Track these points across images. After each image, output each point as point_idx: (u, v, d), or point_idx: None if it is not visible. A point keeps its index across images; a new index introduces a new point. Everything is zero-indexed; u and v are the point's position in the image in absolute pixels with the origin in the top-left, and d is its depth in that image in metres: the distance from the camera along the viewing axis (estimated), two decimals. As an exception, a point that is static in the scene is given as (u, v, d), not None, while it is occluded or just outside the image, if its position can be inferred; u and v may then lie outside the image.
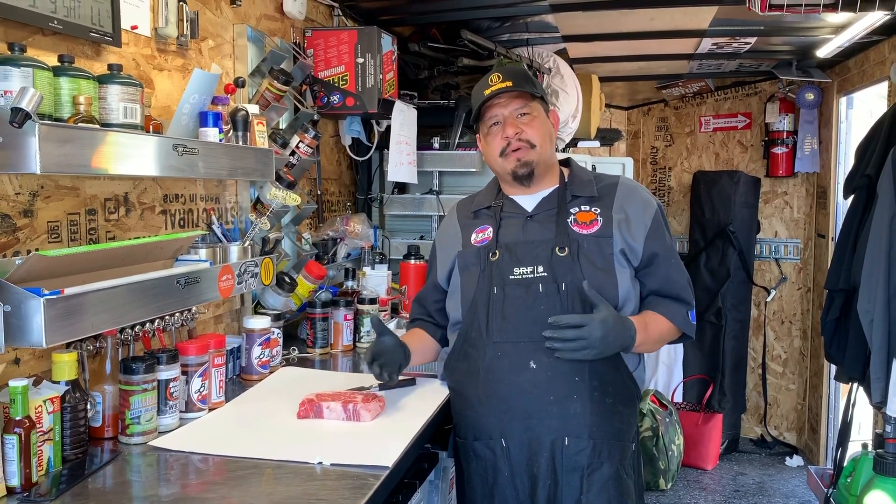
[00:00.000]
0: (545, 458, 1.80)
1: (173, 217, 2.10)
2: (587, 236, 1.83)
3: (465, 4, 3.16)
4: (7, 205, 1.55)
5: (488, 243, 1.91)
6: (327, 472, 1.51)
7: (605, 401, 1.81)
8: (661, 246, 1.88)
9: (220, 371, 1.92)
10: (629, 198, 1.90)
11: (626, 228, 1.85)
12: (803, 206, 4.95)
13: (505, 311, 1.83)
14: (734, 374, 4.88)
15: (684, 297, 1.90)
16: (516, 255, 1.85)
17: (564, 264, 1.80)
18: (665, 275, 1.89)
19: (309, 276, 2.62)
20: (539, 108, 1.93)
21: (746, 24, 3.41)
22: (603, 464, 1.80)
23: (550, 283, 1.80)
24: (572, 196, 1.90)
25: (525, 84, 1.90)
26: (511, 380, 1.81)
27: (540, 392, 1.79)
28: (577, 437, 1.79)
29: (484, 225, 1.96)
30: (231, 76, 2.35)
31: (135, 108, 1.64)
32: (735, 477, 4.55)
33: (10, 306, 1.35)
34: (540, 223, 1.89)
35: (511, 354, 1.82)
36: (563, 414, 1.79)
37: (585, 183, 1.93)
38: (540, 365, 1.79)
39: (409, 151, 3.19)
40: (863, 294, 2.81)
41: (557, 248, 1.82)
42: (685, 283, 1.92)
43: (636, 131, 5.64)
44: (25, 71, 1.39)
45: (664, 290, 1.89)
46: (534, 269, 1.82)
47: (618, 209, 1.87)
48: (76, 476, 1.48)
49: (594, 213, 1.86)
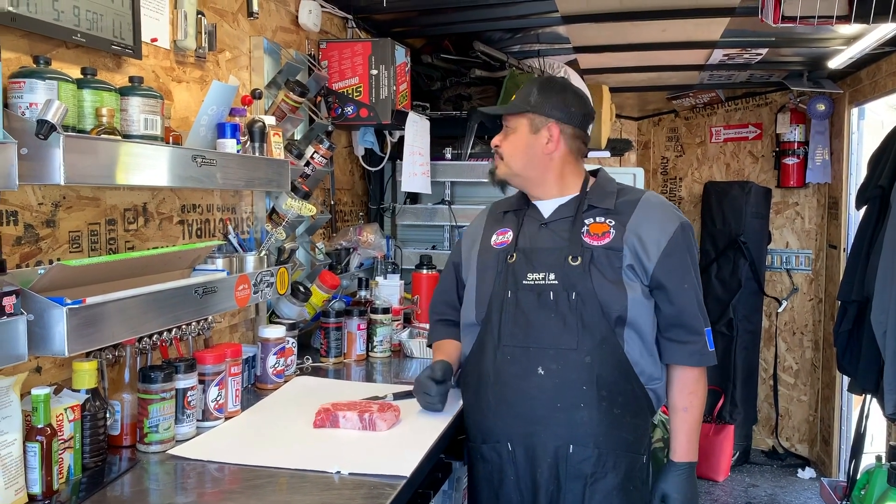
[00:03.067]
0: (549, 464, 1.81)
1: (191, 227, 2.12)
2: (598, 247, 1.83)
3: (477, 16, 3.18)
4: (30, 215, 1.58)
5: (507, 246, 1.92)
6: (344, 482, 1.52)
7: (612, 411, 1.80)
8: (673, 270, 1.83)
9: (236, 380, 1.93)
10: (648, 215, 1.87)
11: (640, 246, 1.83)
12: (815, 217, 4.94)
13: (516, 316, 1.84)
14: (745, 385, 4.85)
15: (695, 325, 1.85)
16: (531, 260, 1.86)
17: (576, 273, 1.81)
18: (679, 301, 1.84)
19: (323, 286, 2.64)
20: (520, 122, 1.92)
21: (758, 35, 3.42)
22: (608, 474, 1.79)
23: (561, 290, 1.81)
24: (589, 206, 1.90)
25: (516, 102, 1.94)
26: (518, 385, 1.83)
27: (547, 398, 1.80)
28: (583, 446, 1.79)
29: (506, 227, 1.97)
30: (248, 88, 2.37)
31: (155, 119, 1.66)
32: (747, 489, 4.53)
33: (33, 315, 1.37)
34: (553, 231, 1.90)
35: (520, 359, 1.83)
36: (569, 421, 1.79)
37: (605, 195, 1.92)
38: (548, 371, 1.80)
39: (422, 162, 3.21)
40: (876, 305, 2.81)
41: (570, 258, 1.82)
42: (698, 310, 1.86)
43: (647, 142, 5.64)
44: (51, 84, 1.42)
45: (675, 319, 1.85)
46: (545, 276, 1.83)
47: (633, 226, 1.85)
48: (95, 484, 1.50)
49: (608, 226, 1.86)
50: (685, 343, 1.85)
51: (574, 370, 1.78)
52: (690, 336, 1.85)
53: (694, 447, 1.88)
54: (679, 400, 1.88)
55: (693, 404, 1.87)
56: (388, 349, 2.68)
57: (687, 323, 1.85)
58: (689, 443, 1.87)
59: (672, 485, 1.85)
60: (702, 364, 1.87)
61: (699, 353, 1.85)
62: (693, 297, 1.86)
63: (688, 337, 1.85)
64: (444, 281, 2.16)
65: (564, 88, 1.94)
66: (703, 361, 1.86)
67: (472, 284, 1.97)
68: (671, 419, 1.90)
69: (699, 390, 1.88)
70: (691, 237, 1.90)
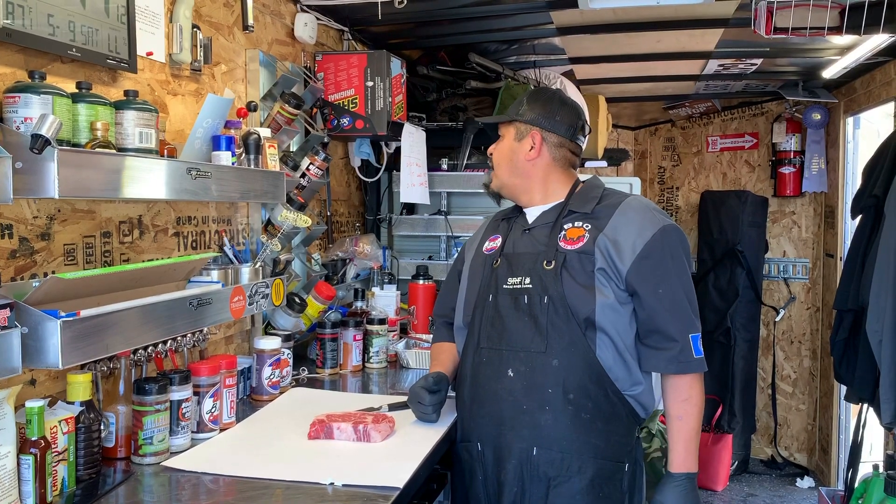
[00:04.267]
0: (513, 465, 1.83)
1: (186, 239, 2.13)
2: (571, 251, 1.84)
3: (472, 28, 3.20)
4: (25, 228, 1.58)
5: (494, 252, 1.98)
6: (338, 493, 1.52)
7: (580, 415, 1.79)
8: (648, 274, 1.80)
9: (231, 392, 1.93)
10: (625, 219, 1.85)
11: (614, 249, 1.81)
12: (811, 226, 4.95)
13: (493, 319, 1.89)
14: (744, 395, 4.85)
15: (670, 331, 1.80)
16: (511, 265, 1.91)
17: (548, 277, 1.83)
18: (651, 306, 1.80)
19: (318, 297, 2.64)
20: (508, 131, 2.01)
21: (752, 46, 3.44)
22: (572, 477, 1.79)
23: (534, 294, 1.84)
24: (569, 211, 1.92)
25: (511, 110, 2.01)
26: (490, 386, 1.87)
27: (514, 400, 1.83)
28: (546, 449, 1.80)
29: (497, 234, 2.03)
30: (243, 100, 2.39)
31: (150, 132, 1.67)
32: (745, 498, 4.52)
33: (27, 328, 1.37)
34: (534, 236, 1.93)
35: (493, 361, 1.88)
36: (534, 424, 1.81)
37: (586, 200, 1.93)
38: (517, 374, 1.83)
39: (419, 173, 3.22)
40: (871, 314, 2.81)
41: (545, 262, 1.86)
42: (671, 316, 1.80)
43: (643, 151, 5.66)
44: (45, 98, 1.43)
45: (650, 324, 1.82)
46: (522, 280, 1.87)
47: (610, 229, 1.84)
48: (90, 496, 1.50)
49: (583, 230, 1.87)
50: (661, 349, 1.81)
51: (541, 373, 1.81)
52: (666, 342, 1.80)
53: (692, 457, 1.82)
54: (673, 408, 1.84)
55: (688, 412, 1.82)
56: (385, 360, 2.69)
57: (661, 328, 1.80)
58: (687, 452, 1.82)
59: (668, 496, 1.82)
60: (684, 371, 1.81)
61: (677, 359, 1.79)
62: (669, 302, 1.80)
63: (663, 343, 1.81)
64: (445, 286, 2.21)
65: (552, 98, 1.98)
66: (684, 369, 1.80)
67: (463, 288, 2.03)
68: (668, 428, 1.86)
69: (693, 397, 1.82)
70: (675, 241, 1.85)
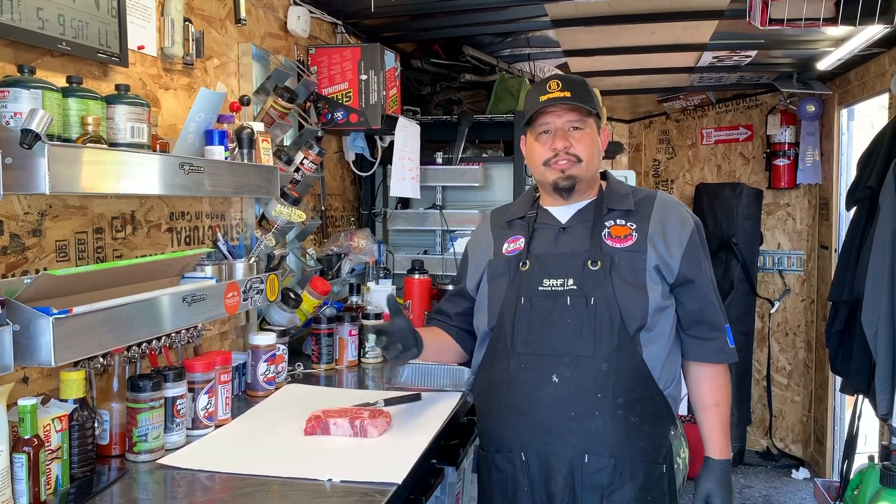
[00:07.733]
0: (563, 474, 1.76)
1: (179, 234, 2.11)
2: (620, 250, 1.79)
3: (466, 21, 3.18)
4: (16, 224, 1.57)
5: (519, 253, 1.88)
6: (335, 489, 1.52)
7: (629, 419, 1.76)
8: (696, 266, 1.83)
9: (226, 388, 1.92)
10: (667, 213, 1.85)
11: (663, 244, 1.80)
12: (806, 218, 4.96)
13: (531, 323, 1.79)
14: (739, 387, 4.86)
15: (718, 321, 1.86)
16: (547, 266, 1.82)
17: (595, 278, 1.77)
18: (703, 297, 1.84)
19: (314, 292, 2.63)
20: (592, 125, 1.88)
21: (747, 38, 3.43)
22: (625, 484, 1.74)
23: (579, 296, 1.76)
24: (608, 209, 1.87)
25: (584, 98, 1.85)
26: (532, 393, 1.77)
27: (561, 407, 1.75)
28: (598, 456, 1.74)
29: (516, 235, 1.92)
30: (236, 94, 2.37)
31: (142, 127, 1.66)
32: (741, 490, 4.53)
33: (19, 325, 1.36)
34: (573, 235, 1.85)
35: (534, 367, 1.77)
36: (583, 431, 1.74)
37: (622, 196, 1.89)
38: (562, 379, 1.75)
39: (411, 167, 3.21)
40: (866, 306, 2.82)
41: (590, 262, 1.78)
42: (719, 306, 1.87)
43: (638, 144, 5.65)
44: (35, 93, 1.41)
45: (699, 315, 1.85)
46: (564, 282, 1.79)
47: (655, 224, 1.82)
48: (84, 494, 1.49)
49: (629, 228, 1.82)
50: (709, 340, 1.86)
51: (589, 377, 1.74)
52: (713, 332, 1.85)
53: (729, 443, 1.92)
54: (710, 397, 1.90)
55: (725, 399, 1.91)
56: (380, 355, 2.67)
57: (710, 319, 1.85)
58: (725, 438, 1.90)
59: (715, 484, 1.89)
60: (727, 360, 1.88)
61: (723, 349, 1.87)
62: (713, 294, 1.87)
63: (711, 333, 1.86)
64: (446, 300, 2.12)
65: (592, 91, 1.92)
66: (727, 358, 1.88)
67: (485, 293, 1.91)
68: (703, 417, 1.92)
69: (727, 385, 1.91)
70: (704, 235, 1.91)
